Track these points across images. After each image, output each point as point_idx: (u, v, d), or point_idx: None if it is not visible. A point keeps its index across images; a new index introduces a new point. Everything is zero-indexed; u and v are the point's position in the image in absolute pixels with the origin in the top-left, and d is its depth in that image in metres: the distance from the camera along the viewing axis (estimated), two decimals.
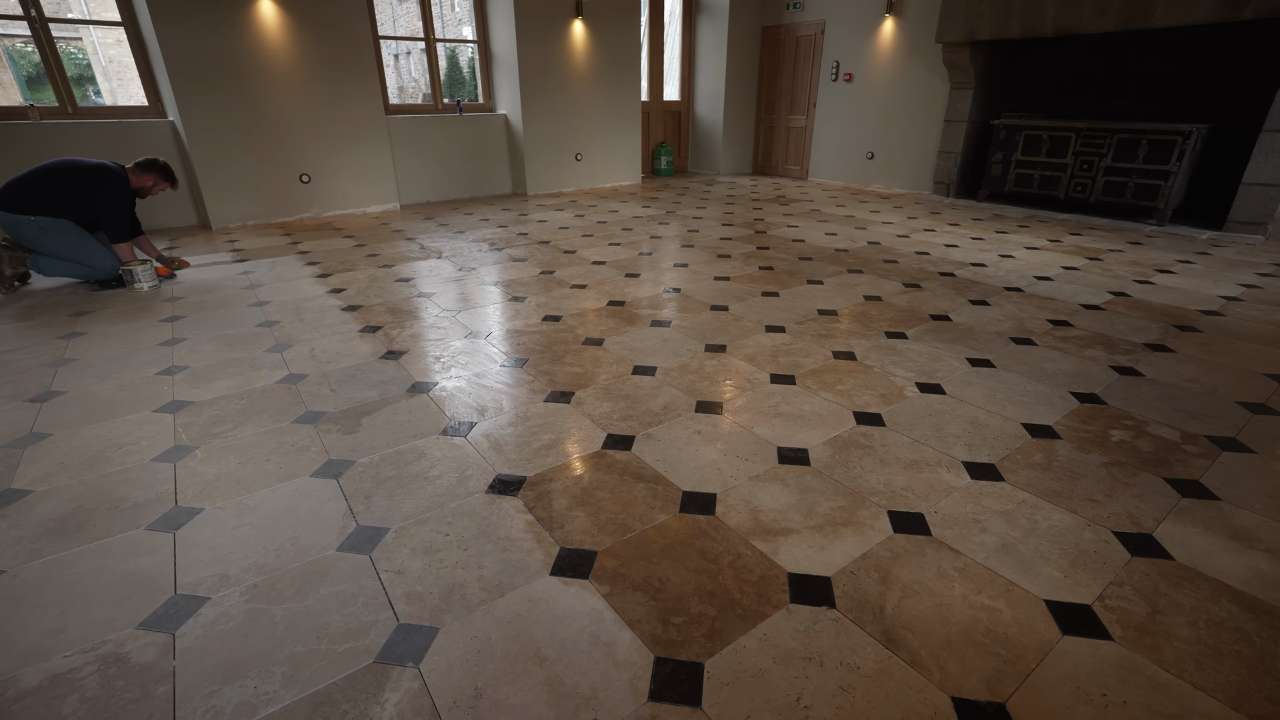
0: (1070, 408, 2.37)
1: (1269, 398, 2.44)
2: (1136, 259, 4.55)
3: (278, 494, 1.86)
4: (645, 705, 1.21)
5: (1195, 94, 5.71)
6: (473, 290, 3.79)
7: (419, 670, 1.29)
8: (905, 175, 7.70)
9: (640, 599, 1.47)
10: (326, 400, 2.43)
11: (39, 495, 1.86)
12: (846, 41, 7.88)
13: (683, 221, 5.89)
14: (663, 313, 3.39)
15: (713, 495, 1.85)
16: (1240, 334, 3.09)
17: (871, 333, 3.10)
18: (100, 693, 1.24)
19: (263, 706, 1.21)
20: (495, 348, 2.93)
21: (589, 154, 7.85)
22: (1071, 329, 3.17)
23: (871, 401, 2.41)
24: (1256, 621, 1.40)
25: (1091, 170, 5.93)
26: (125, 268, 3.79)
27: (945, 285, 3.90)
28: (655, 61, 8.90)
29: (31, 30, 4.82)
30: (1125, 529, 1.70)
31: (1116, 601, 1.46)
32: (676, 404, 2.39)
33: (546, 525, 1.72)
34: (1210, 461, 2.01)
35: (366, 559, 1.60)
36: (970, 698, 1.23)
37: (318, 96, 5.82)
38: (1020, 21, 5.92)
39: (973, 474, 1.95)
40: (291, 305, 3.54)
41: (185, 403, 2.42)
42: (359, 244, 5.01)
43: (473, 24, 7.10)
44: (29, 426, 2.26)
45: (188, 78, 5.16)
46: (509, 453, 2.07)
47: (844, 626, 1.39)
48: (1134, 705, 1.21)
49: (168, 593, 1.49)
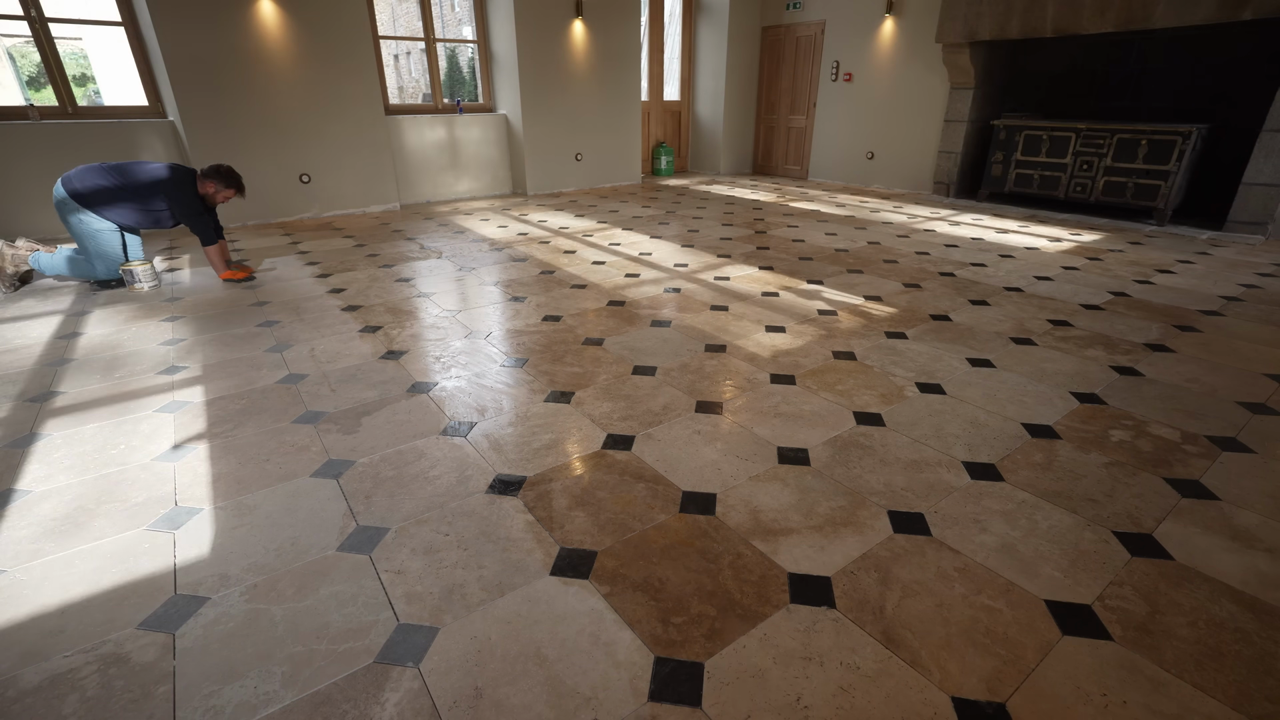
0: (1070, 408, 2.37)
1: (1269, 398, 2.44)
2: (1136, 259, 4.55)
3: (278, 494, 1.86)
4: (645, 705, 1.21)
5: (1195, 94, 5.71)
6: (473, 290, 3.79)
7: (419, 670, 1.29)
8: (905, 175, 7.70)
9: (640, 599, 1.47)
10: (326, 400, 2.43)
11: (39, 495, 1.86)
12: (846, 41, 7.88)
13: (683, 221, 5.89)
14: (663, 312, 3.39)
15: (713, 495, 1.85)
16: (1240, 334, 3.09)
17: (871, 333, 3.10)
18: (100, 693, 1.24)
19: (263, 706, 1.21)
20: (495, 348, 2.93)
21: (589, 154, 7.85)
22: (1071, 329, 3.17)
23: (871, 401, 2.41)
24: (1256, 621, 1.40)
25: (1091, 170, 5.93)
26: (126, 268, 3.74)
27: (945, 285, 3.90)
28: (655, 61, 8.90)
29: (31, 30, 4.82)
30: (1125, 529, 1.70)
31: (1116, 601, 1.46)
32: (676, 404, 2.39)
33: (546, 525, 1.72)
34: (1210, 461, 2.01)
35: (366, 559, 1.60)
36: (970, 698, 1.23)
37: (318, 96, 5.82)
38: (1020, 21, 5.92)
39: (973, 474, 1.95)
40: (291, 305, 3.54)
41: (185, 403, 2.42)
42: (359, 244, 5.01)
43: (473, 24, 7.10)
44: (29, 426, 2.26)
45: (188, 78, 5.15)
46: (509, 453, 2.07)
47: (844, 626, 1.39)
48: (1134, 705, 1.21)
49: (168, 593, 1.49)
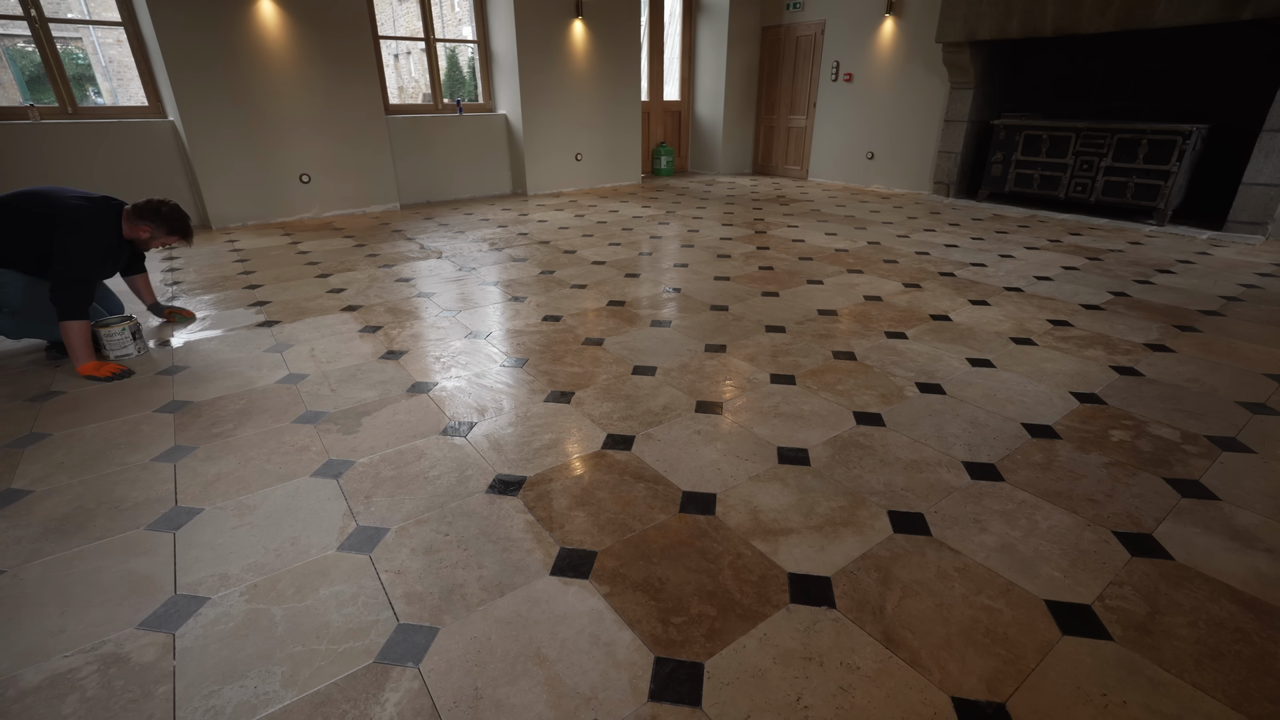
0: (1070, 408, 2.37)
1: (1269, 398, 2.44)
2: (1136, 259, 4.55)
3: (278, 494, 1.86)
4: (645, 705, 1.21)
5: (1195, 94, 5.71)
6: (473, 290, 3.79)
7: (419, 670, 1.29)
8: (905, 175, 7.70)
9: (640, 599, 1.47)
10: (326, 400, 2.43)
11: (39, 495, 1.86)
12: (846, 41, 7.88)
13: (683, 221, 5.89)
14: (663, 313, 3.39)
15: (713, 495, 1.85)
16: (1240, 334, 3.09)
17: (871, 333, 3.10)
18: (100, 693, 1.24)
19: (263, 706, 1.21)
20: (495, 348, 2.93)
21: (589, 154, 7.85)
22: (1071, 329, 3.17)
23: (871, 401, 2.41)
24: (1256, 621, 1.40)
25: (1091, 170, 5.93)
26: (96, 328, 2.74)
27: (945, 285, 3.90)
28: (655, 61, 8.90)
29: (31, 30, 4.82)
30: (1125, 529, 1.70)
31: (1116, 601, 1.46)
32: (676, 404, 2.39)
33: (546, 525, 1.72)
34: (1210, 461, 2.01)
35: (366, 559, 1.60)
36: (970, 698, 1.23)
37: (318, 96, 5.82)
38: (1020, 21, 5.92)
39: (973, 474, 1.95)
40: (291, 305, 3.54)
41: (186, 403, 2.42)
42: (359, 244, 5.01)
43: (473, 24, 7.10)
44: (29, 426, 2.26)
45: (188, 78, 5.15)
46: (509, 453, 2.07)
47: (844, 626, 1.39)
48: (1134, 705, 1.21)
49: (168, 593, 1.49)
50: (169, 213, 2.80)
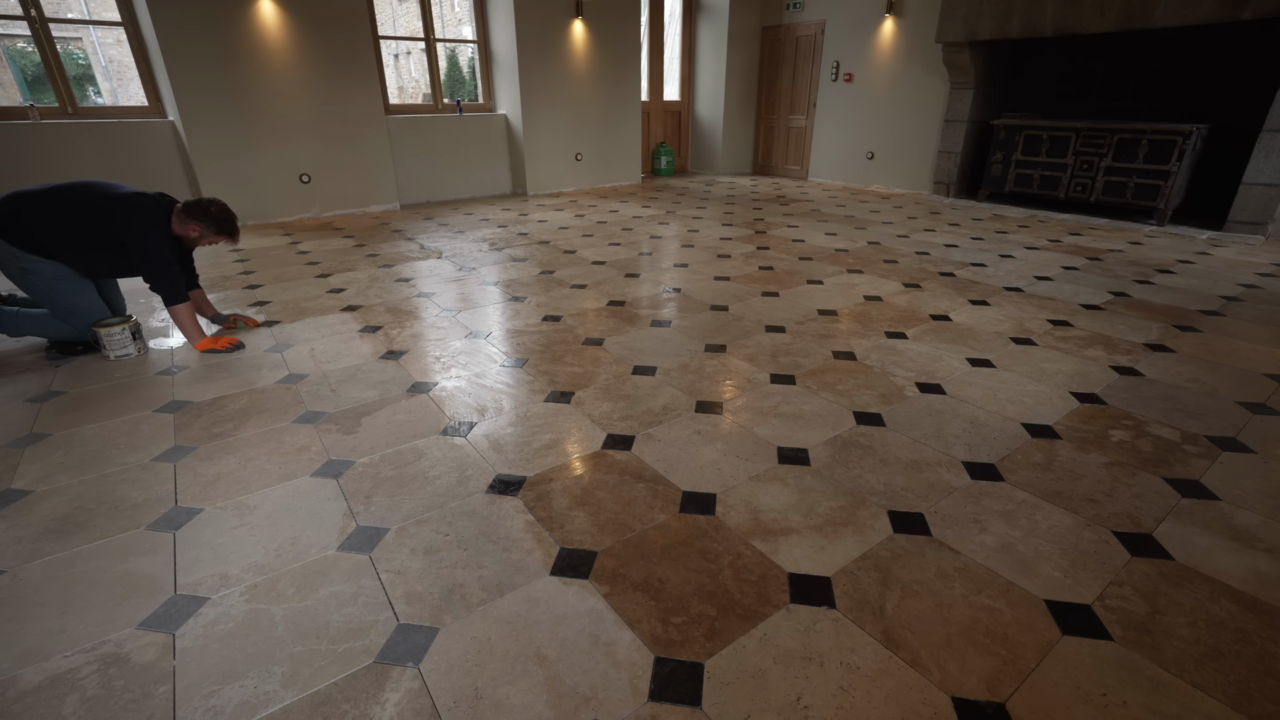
0: (1070, 408, 2.37)
1: (1269, 398, 2.44)
2: (1136, 259, 4.55)
3: (277, 494, 1.86)
4: (645, 705, 1.21)
5: (1195, 94, 5.71)
6: (473, 290, 3.79)
7: (419, 670, 1.29)
8: (905, 175, 7.70)
9: (640, 599, 1.47)
10: (326, 400, 2.43)
11: (39, 495, 1.86)
12: (846, 41, 7.88)
13: (683, 221, 5.89)
14: (663, 312, 3.39)
15: (713, 495, 1.85)
16: (1240, 334, 3.09)
17: (871, 333, 3.10)
18: (100, 693, 1.24)
19: (263, 706, 1.21)
20: (495, 348, 2.93)
21: (589, 154, 7.85)
22: (1071, 329, 3.17)
23: (871, 401, 2.41)
24: (1256, 621, 1.40)
25: (1091, 170, 5.93)
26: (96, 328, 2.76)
27: (945, 285, 3.90)
28: (655, 61, 8.90)
29: (31, 30, 4.82)
30: (1125, 529, 1.70)
31: (1116, 601, 1.46)
32: (676, 404, 2.39)
33: (546, 525, 1.72)
34: (1210, 461, 2.01)
35: (366, 559, 1.60)
36: (970, 698, 1.23)
37: (318, 96, 5.82)
38: (1020, 21, 5.92)
39: (973, 474, 1.95)
40: (291, 305, 3.54)
41: (185, 402, 2.42)
42: (359, 244, 5.01)
43: (473, 24, 7.10)
44: (29, 426, 2.26)
45: (188, 77, 5.15)
46: (509, 453, 2.07)
47: (844, 626, 1.39)
48: (1134, 705, 1.21)
49: (168, 593, 1.49)
50: (218, 213, 2.84)
